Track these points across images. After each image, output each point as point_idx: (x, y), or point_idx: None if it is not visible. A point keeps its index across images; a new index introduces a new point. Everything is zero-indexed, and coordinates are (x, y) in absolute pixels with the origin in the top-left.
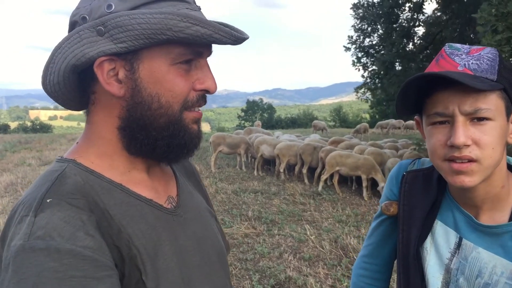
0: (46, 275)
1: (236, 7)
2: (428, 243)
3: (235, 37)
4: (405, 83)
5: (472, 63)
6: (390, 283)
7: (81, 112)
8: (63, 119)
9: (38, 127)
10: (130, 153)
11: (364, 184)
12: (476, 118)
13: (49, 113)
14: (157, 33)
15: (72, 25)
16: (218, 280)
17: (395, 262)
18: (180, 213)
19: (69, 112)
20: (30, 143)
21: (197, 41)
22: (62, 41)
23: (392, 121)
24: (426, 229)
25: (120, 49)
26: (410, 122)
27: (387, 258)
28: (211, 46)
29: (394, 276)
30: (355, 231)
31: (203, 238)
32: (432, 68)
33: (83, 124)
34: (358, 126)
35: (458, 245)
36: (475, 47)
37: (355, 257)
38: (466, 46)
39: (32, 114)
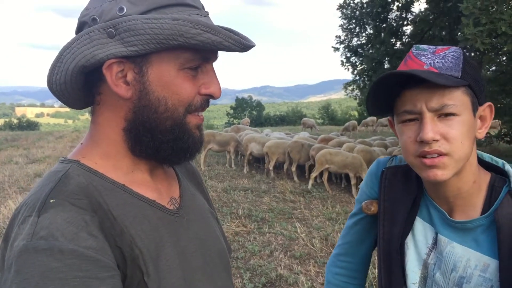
0: (49, 275)
1: (225, 4)
2: (408, 239)
3: (243, 45)
4: (374, 83)
5: (437, 62)
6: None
7: (68, 109)
8: (50, 116)
9: (25, 124)
10: (134, 154)
11: (353, 182)
12: (443, 114)
13: (36, 110)
14: (168, 38)
15: (81, 25)
16: (220, 281)
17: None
18: (183, 214)
19: (56, 109)
20: (17, 140)
21: (207, 48)
22: (71, 41)
23: (381, 120)
24: (408, 226)
25: (130, 52)
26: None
27: (365, 256)
28: (217, 52)
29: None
30: None
31: (205, 239)
32: (400, 68)
33: (70, 121)
34: (347, 124)
35: (435, 240)
36: (440, 47)
37: None
38: (432, 47)
39: (19, 111)
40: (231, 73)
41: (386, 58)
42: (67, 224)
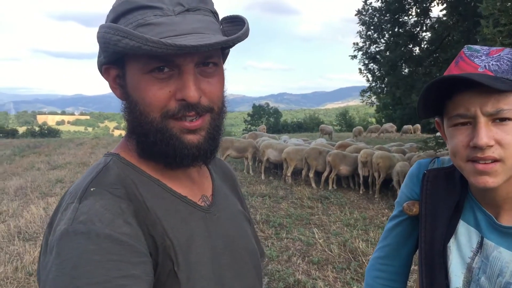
0: (86, 257)
1: (242, 13)
2: (451, 242)
3: (171, 45)
4: (427, 86)
5: (492, 64)
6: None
7: (88, 117)
8: (70, 124)
9: (46, 131)
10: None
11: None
12: (498, 119)
13: (57, 118)
14: (106, 46)
15: None
16: (248, 280)
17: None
18: (214, 212)
19: (76, 117)
20: (39, 147)
21: (137, 53)
22: None
23: (385, 126)
24: (450, 229)
25: (104, 58)
26: (405, 126)
27: (406, 259)
28: (187, 54)
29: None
30: (364, 235)
31: (235, 238)
32: (452, 70)
33: (90, 129)
34: (354, 129)
35: (480, 244)
36: (494, 48)
37: (364, 261)
38: (485, 48)
39: (40, 119)
40: (248, 80)
41: (402, 61)
42: (104, 211)
